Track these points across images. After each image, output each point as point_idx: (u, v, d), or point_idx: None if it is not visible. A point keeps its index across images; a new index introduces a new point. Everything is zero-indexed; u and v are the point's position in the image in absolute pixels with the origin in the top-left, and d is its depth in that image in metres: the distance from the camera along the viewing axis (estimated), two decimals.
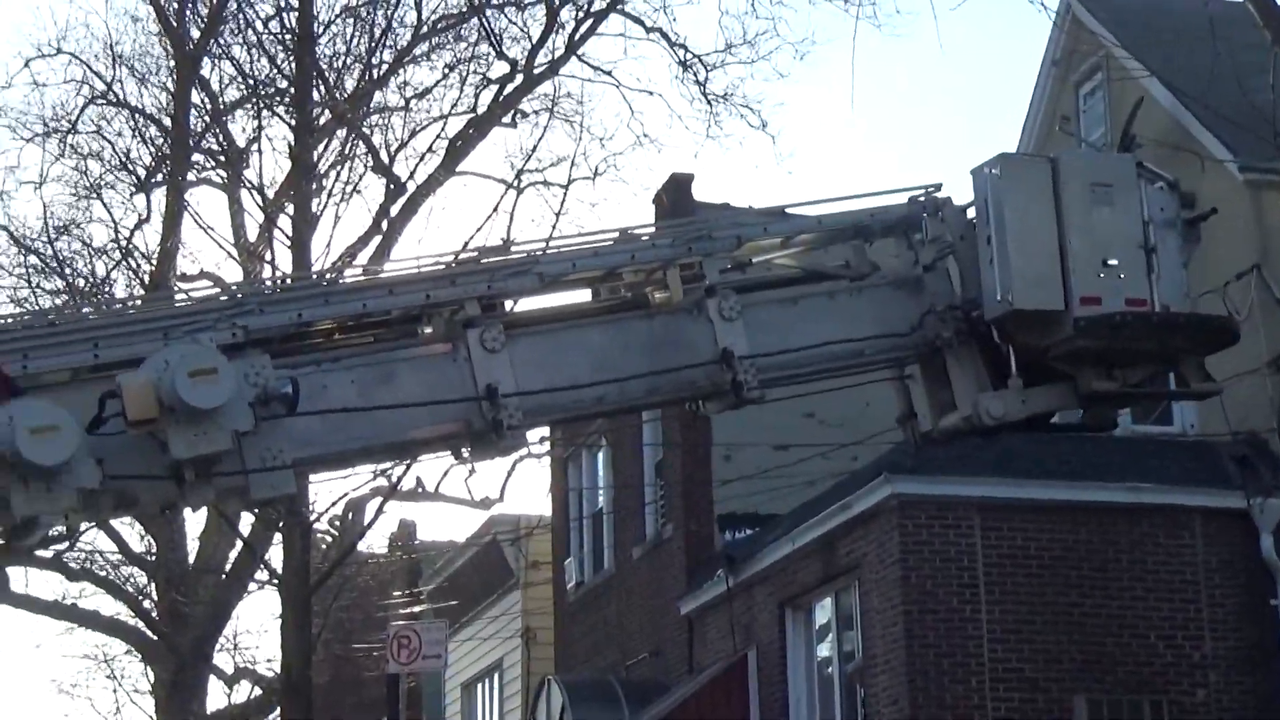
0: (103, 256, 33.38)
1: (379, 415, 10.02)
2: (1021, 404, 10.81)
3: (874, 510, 19.40)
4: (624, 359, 10.50)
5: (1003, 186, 10.55)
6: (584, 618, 29.45)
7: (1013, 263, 10.38)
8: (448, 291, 10.29)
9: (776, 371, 10.65)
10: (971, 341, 10.83)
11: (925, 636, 18.73)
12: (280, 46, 30.75)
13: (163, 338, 9.80)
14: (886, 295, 10.99)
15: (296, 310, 10.03)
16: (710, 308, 10.51)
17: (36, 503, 9.27)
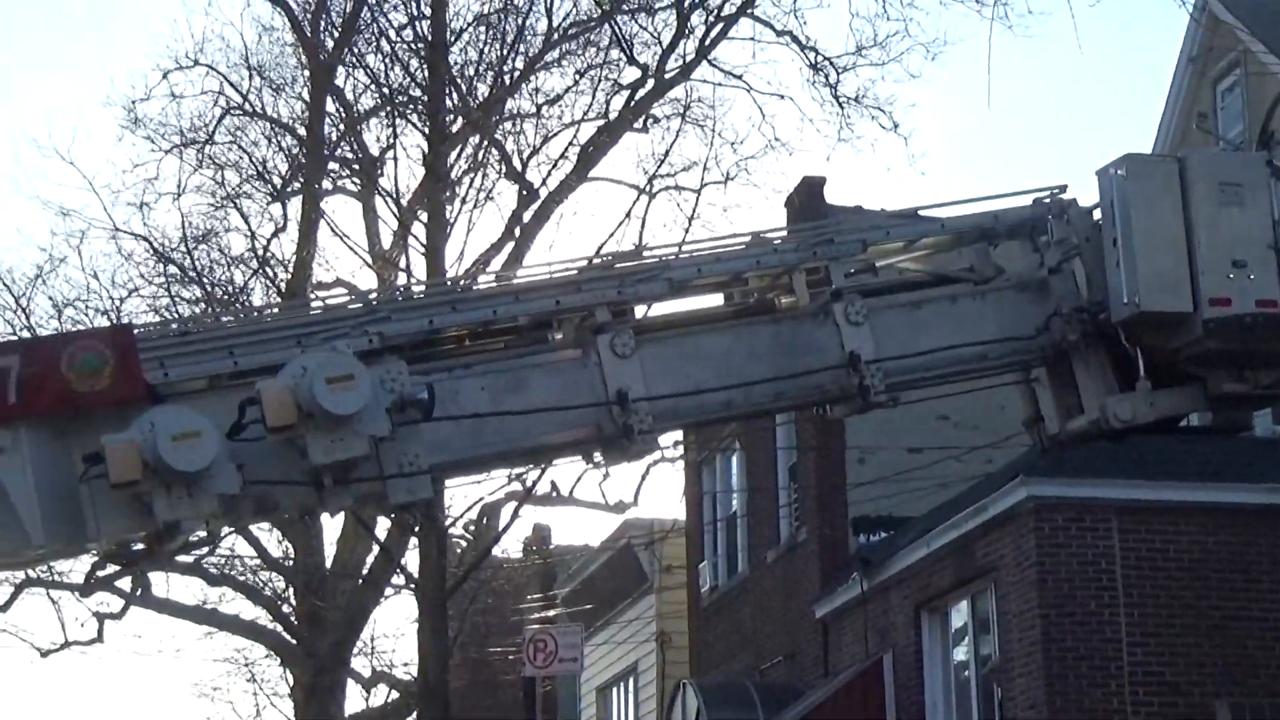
0: (240, 265, 33.81)
1: (510, 421, 10.04)
2: (1150, 407, 10.68)
3: (1010, 513, 19.30)
4: (750, 364, 10.47)
5: (1129, 187, 10.43)
6: (718, 621, 29.46)
7: (1139, 264, 10.25)
8: (577, 298, 10.30)
9: (902, 376, 10.58)
10: (1098, 344, 10.70)
11: (1063, 640, 18.61)
12: (413, 55, 31.00)
13: (300, 345, 9.88)
14: (1011, 298, 10.89)
15: (427, 317, 10.08)
16: (836, 312, 10.45)
17: (178, 508, 9.34)
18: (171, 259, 32.93)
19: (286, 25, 32.99)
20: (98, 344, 9.66)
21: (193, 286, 32.94)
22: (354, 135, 33.10)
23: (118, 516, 9.45)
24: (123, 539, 10.03)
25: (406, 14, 31.29)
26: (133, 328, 10.42)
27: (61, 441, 9.42)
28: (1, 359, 9.41)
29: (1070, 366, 10.85)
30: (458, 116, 30.81)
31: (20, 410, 9.25)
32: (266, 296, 32.68)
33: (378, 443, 9.72)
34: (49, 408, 9.33)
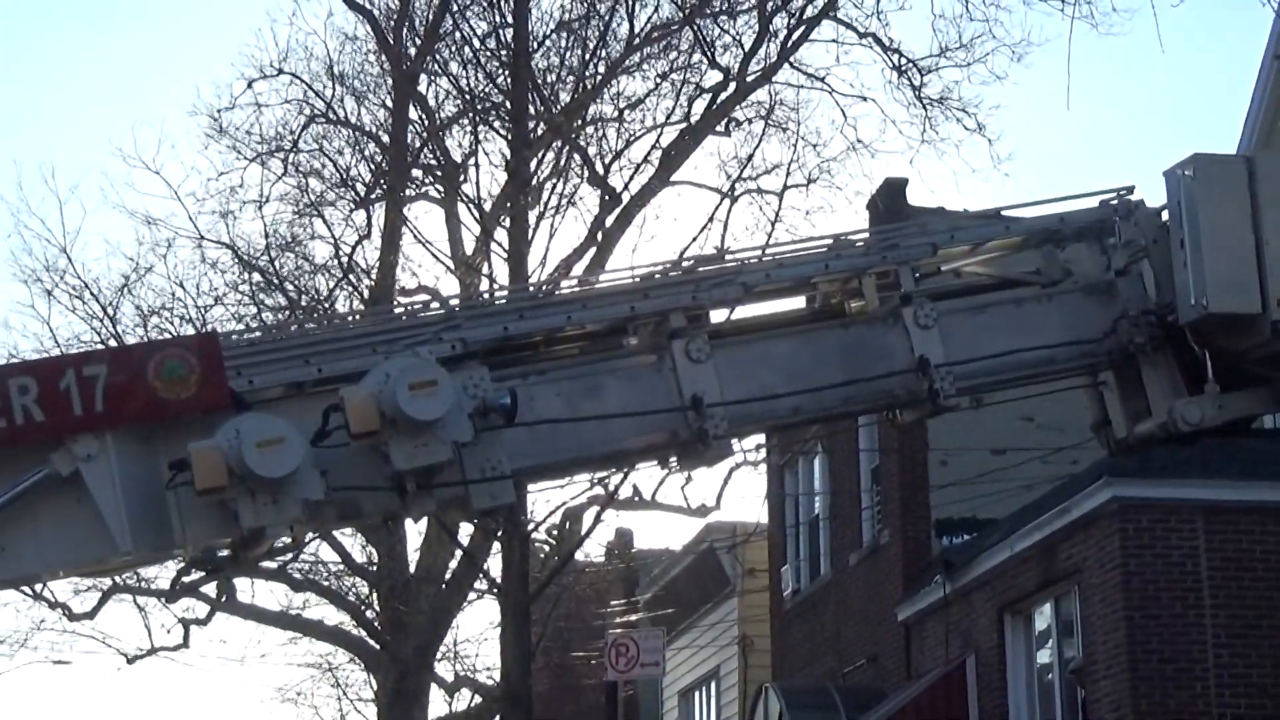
0: (324, 273, 34.04)
1: (585, 427, 10.04)
2: (1218, 410, 10.56)
3: (1094, 514, 19.24)
4: (819, 369, 10.41)
5: (1196, 188, 10.31)
6: (801, 625, 29.45)
7: (1207, 265, 10.14)
8: (652, 303, 10.33)
9: (970, 379, 10.52)
10: (1166, 347, 10.57)
11: (1148, 642, 18.53)
12: (496, 61, 31.13)
13: (380, 351, 9.95)
14: (1077, 301, 10.78)
15: (501, 324, 10.14)
16: (906, 316, 10.38)
17: (263, 515, 9.40)
18: (256, 266, 33.19)
19: (370, 34, 33.23)
20: (183, 352, 9.74)
21: (276, 294, 33.20)
22: (437, 142, 33.26)
23: (203, 522, 9.52)
24: (208, 545, 10.14)
25: (489, 22, 31.49)
26: (217, 335, 10.51)
27: (148, 449, 9.50)
28: (88, 367, 9.51)
29: (1138, 369, 10.74)
30: (540, 122, 30.91)
31: (107, 419, 9.33)
32: (350, 304, 32.90)
33: (460, 448, 9.76)
34: (135, 415, 9.41)
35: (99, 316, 33.56)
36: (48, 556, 9.74)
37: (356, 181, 33.80)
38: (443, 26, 32.00)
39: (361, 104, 33.99)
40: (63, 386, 9.35)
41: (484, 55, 31.52)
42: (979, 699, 22.16)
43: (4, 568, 9.60)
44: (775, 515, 31.32)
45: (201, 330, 27.57)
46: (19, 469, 9.33)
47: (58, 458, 9.32)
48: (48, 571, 10.59)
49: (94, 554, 9.71)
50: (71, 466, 9.33)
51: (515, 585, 27.65)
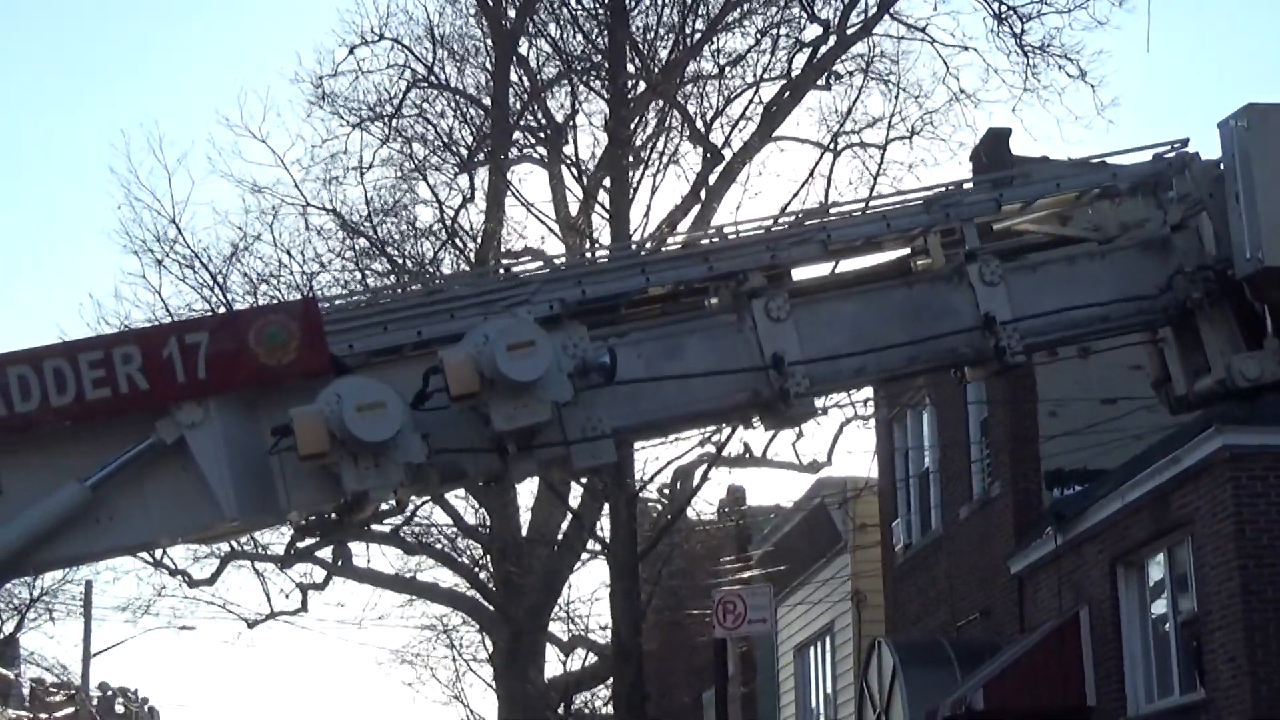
0: (429, 237, 34.22)
1: (666, 387, 10.07)
2: (1278, 364, 10.48)
3: (1206, 463, 19.12)
4: (884, 328, 10.37)
5: (1251, 139, 10.17)
6: (913, 579, 29.44)
7: (1262, 218, 10.01)
8: (730, 262, 10.32)
9: (1035, 336, 10.44)
10: (1224, 301, 10.44)
11: (1263, 591, 18.42)
12: (594, 22, 31.17)
13: (482, 313, 9.99)
14: (1132, 257, 10.66)
15: (580, 287, 10.13)
16: (971, 273, 10.34)
17: (366, 478, 9.49)
18: (361, 232, 33.43)
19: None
20: (284, 318, 9.84)
21: (380, 260, 33.43)
22: (539, 104, 33.35)
23: (307, 488, 9.63)
24: (314, 510, 10.24)
25: None
26: (317, 301, 10.60)
27: (251, 415, 9.61)
28: (191, 335, 9.63)
29: (1196, 326, 10.65)
30: (639, 81, 30.92)
31: (210, 386, 9.45)
32: (456, 267, 33.06)
33: (560, 408, 9.81)
34: (237, 382, 9.53)
35: (209, 285, 33.94)
36: (155, 524, 9.88)
37: (459, 145, 33.97)
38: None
39: (463, 68, 34.18)
40: (166, 355, 9.48)
41: (581, 15, 31.58)
42: (1093, 651, 22.09)
43: (113, 536, 9.74)
44: (885, 470, 31.32)
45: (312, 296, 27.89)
46: (126, 438, 9.48)
47: (163, 426, 9.45)
48: (156, 539, 10.75)
49: (200, 521, 9.84)
50: (176, 434, 9.46)
51: (623, 545, 27.83)
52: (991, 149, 26.23)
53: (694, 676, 42.48)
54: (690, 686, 43.56)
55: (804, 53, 32.26)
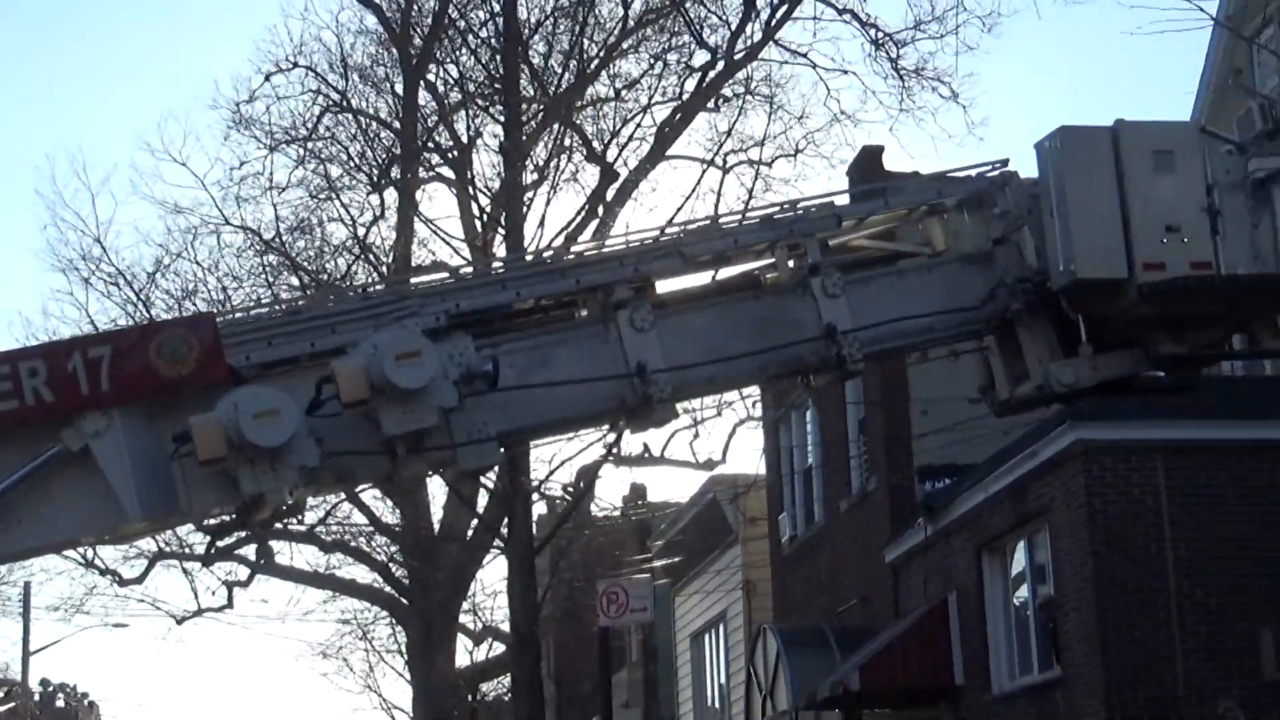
0: (343, 254, 34.18)
1: (536, 395, 10.12)
2: (1092, 370, 10.50)
3: (1060, 456, 19.27)
4: (732, 340, 10.43)
5: (1064, 159, 10.25)
6: (798, 569, 29.59)
7: (1075, 234, 10.09)
8: (595, 276, 10.37)
9: (874, 345, 10.49)
10: (1042, 312, 10.49)
11: (1113, 575, 18.55)
12: (491, 50, 31.24)
13: (373, 325, 10.04)
14: (957, 270, 10.70)
15: (455, 301, 10.18)
16: (814, 286, 10.42)
17: (262, 481, 9.53)
18: (275, 249, 33.38)
19: (378, 26, 33.33)
20: (183, 331, 9.87)
21: (293, 275, 33.35)
22: (445, 127, 33.36)
23: (207, 491, 9.66)
24: (214, 511, 10.27)
25: (486, 11, 31.59)
26: (214, 315, 10.61)
27: (152, 423, 9.63)
28: (94, 349, 9.65)
29: (1017, 334, 10.72)
30: (539, 105, 30.98)
31: (112, 397, 9.47)
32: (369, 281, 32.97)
33: (447, 413, 9.87)
34: (139, 393, 9.55)
35: (133, 302, 33.81)
36: (64, 527, 9.89)
37: (370, 166, 33.92)
38: (446, 16, 32.06)
39: (376, 93, 34.14)
40: (70, 368, 9.49)
41: (479, 45, 31.67)
42: (961, 633, 22.26)
43: (22, 538, 9.74)
44: (772, 467, 31.45)
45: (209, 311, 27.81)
46: (33, 447, 9.48)
47: (68, 435, 9.46)
48: (67, 540, 10.71)
49: (107, 522, 9.85)
50: (81, 442, 9.47)
51: (520, 541, 27.88)
52: (865, 166, 26.43)
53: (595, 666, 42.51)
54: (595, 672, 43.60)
55: (694, 77, 32.44)
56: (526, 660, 28.19)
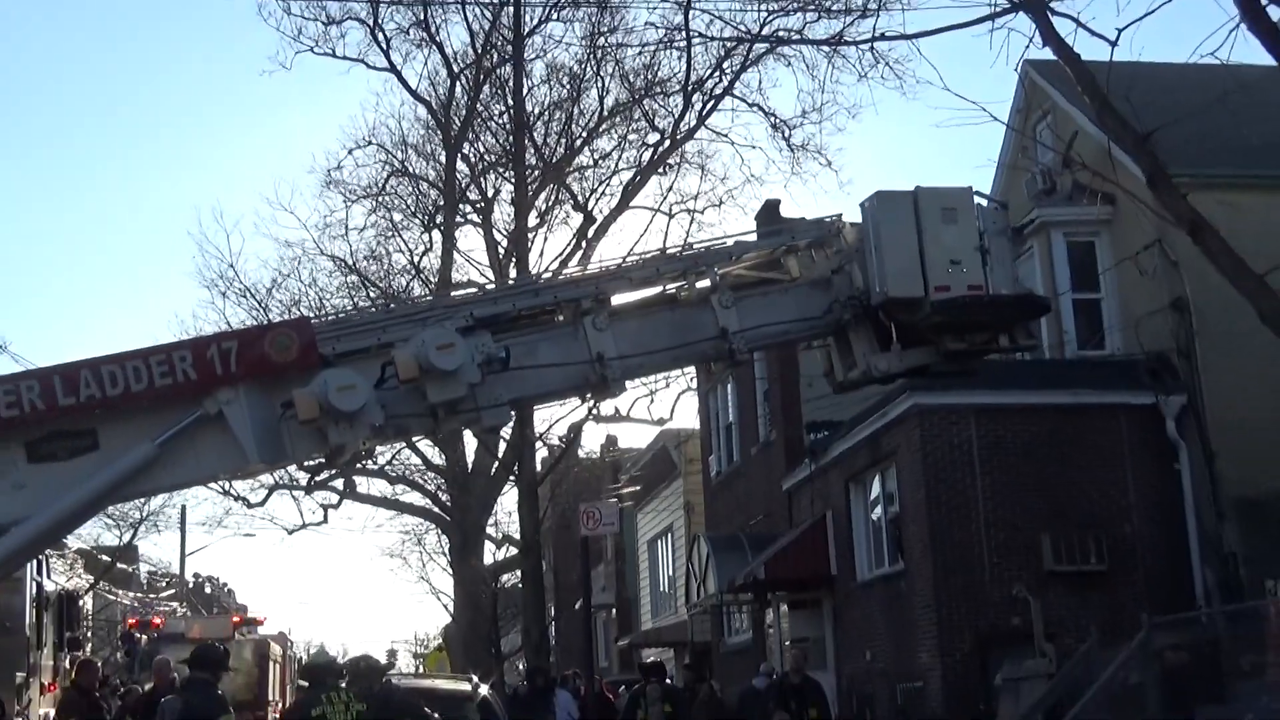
0: (402, 275, 34.09)
1: (527, 374, 10.09)
2: (900, 361, 10.51)
3: (903, 415, 19.36)
4: (660, 337, 10.42)
5: (879, 213, 10.28)
6: (723, 494, 29.62)
7: (887, 265, 10.11)
8: (569, 293, 10.38)
9: (752, 343, 10.51)
10: (865, 320, 10.48)
11: (940, 498, 18.66)
12: (505, 132, 31.20)
13: (421, 325, 10.04)
14: (807, 291, 10.67)
15: (472, 309, 10.14)
16: (714, 301, 10.42)
17: (344, 435, 9.53)
18: (353, 271, 33.29)
19: (428, 115, 33.25)
20: (288, 330, 9.87)
21: (367, 290, 33.26)
22: (476, 186, 33.27)
23: (305, 442, 9.65)
24: (310, 457, 10.27)
25: (503, 105, 31.55)
26: (309, 319, 10.62)
27: (267, 395, 9.62)
28: (226, 342, 9.65)
29: (848, 335, 10.80)
30: (539, 171, 30.93)
31: (239, 376, 9.48)
32: (421, 296, 32.89)
33: (474, 387, 9.87)
34: (257, 373, 9.55)
35: (256, 309, 33.63)
36: (206, 467, 9.90)
37: (422, 214, 33.85)
38: (474, 110, 31.98)
39: (425, 162, 34.05)
40: (210, 355, 9.48)
41: (498, 128, 31.63)
42: (834, 540, 22.35)
43: (179, 475, 9.73)
44: (704, 422, 31.44)
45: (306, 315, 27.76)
46: (184, 412, 9.48)
47: (208, 402, 9.46)
48: (204, 478, 10.71)
49: (235, 465, 9.85)
50: (217, 408, 9.46)
51: (527, 475, 27.83)
52: (767, 213, 26.41)
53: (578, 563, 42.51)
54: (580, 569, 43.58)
55: (649, 150, 32.41)
56: (532, 560, 28.15)
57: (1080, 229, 21.24)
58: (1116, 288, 20.81)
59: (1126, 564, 18.48)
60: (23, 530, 9.14)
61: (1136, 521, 18.71)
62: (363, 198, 33.50)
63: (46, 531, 9.47)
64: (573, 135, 31.93)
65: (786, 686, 16.43)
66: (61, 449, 9.25)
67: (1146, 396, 19.11)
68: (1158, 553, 18.57)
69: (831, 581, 22.37)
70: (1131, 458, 18.95)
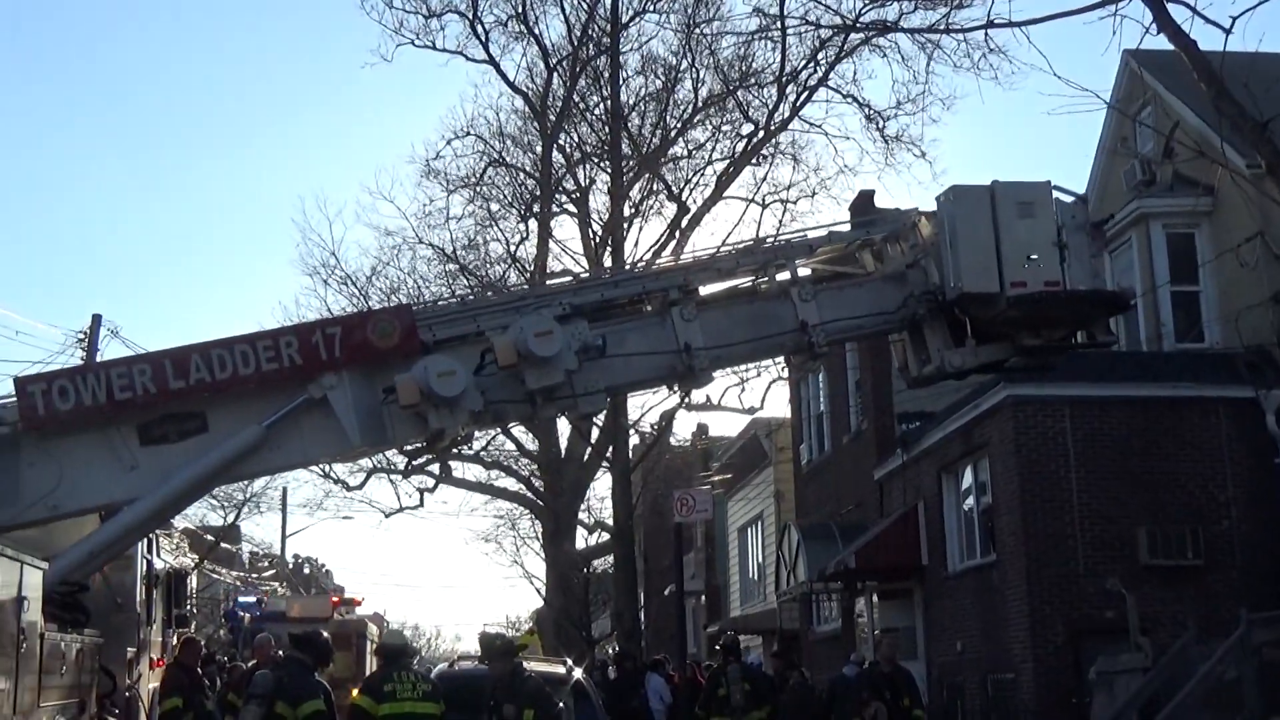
0: (499, 263, 34.34)
1: (616, 363, 10.12)
2: (975, 356, 10.49)
3: (997, 407, 19.10)
4: (741, 329, 10.40)
5: (955, 208, 10.22)
6: (813, 483, 29.48)
7: (962, 260, 10.07)
8: (657, 283, 10.39)
9: (831, 336, 10.48)
10: (940, 315, 10.48)
11: (1034, 490, 18.40)
12: (602, 122, 31.27)
13: (520, 313, 10.11)
14: (880, 286, 10.69)
15: (561, 300, 10.18)
16: (793, 293, 10.39)
17: (444, 420, 9.66)
18: (452, 260, 33.55)
19: (525, 106, 33.41)
20: (390, 317, 10.01)
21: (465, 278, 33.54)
22: (571, 176, 33.38)
23: (406, 426, 9.80)
24: (411, 441, 10.39)
25: (599, 96, 31.60)
26: (411, 306, 10.74)
27: (369, 380, 9.78)
28: (330, 329, 9.81)
29: (922, 331, 10.64)
30: (635, 161, 30.96)
31: (342, 361, 9.62)
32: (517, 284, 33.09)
33: (570, 374, 9.93)
34: (360, 359, 9.68)
35: (356, 296, 34.06)
36: (309, 450, 10.07)
37: (519, 203, 34.04)
38: (571, 100, 32.07)
39: (523, 153, 34.25)
40: (314, 341, 9.64)
41: (594, 119, 31.69)
42: (926, 529, 22.14)
43: (284, 458, 9.90)
44: (796, 411, 31.31)
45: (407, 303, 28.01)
46: (289, 396, 9.63)
47: (312, 387, 9.65)
48: (309, 461, 10.91)
49: (338, 448, 10.03)
50: (321, 393, 9.64)
51: (621, 462, 27.90)
52: (861, 204, 26.17)
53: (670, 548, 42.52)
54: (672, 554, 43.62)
55: (742, 141, 32.33)
56: (624, 545, 28.25)
57: (1180, 220, 20.82)
58: (1216, 280, 20.37)
59: (1223, 559, 18.11)
60: (135, 510, 9.35)
61: (1234, 516, 18.31)
62: (461, 187, 33.81)
63: (157, 511, 9.68)
64: (667, 126, 31.96)
65: (878, 675, 16.29)
66: (172, 431, 9.47)
67: (1246, 390, 18.67)
68: (1255, 548, 18.17)
69: (922, 571, 22.17)
70: (1229, 452, 18.54)
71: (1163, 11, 13.55)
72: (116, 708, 12.38)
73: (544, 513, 35.84)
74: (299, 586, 59.97)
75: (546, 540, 36.48)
